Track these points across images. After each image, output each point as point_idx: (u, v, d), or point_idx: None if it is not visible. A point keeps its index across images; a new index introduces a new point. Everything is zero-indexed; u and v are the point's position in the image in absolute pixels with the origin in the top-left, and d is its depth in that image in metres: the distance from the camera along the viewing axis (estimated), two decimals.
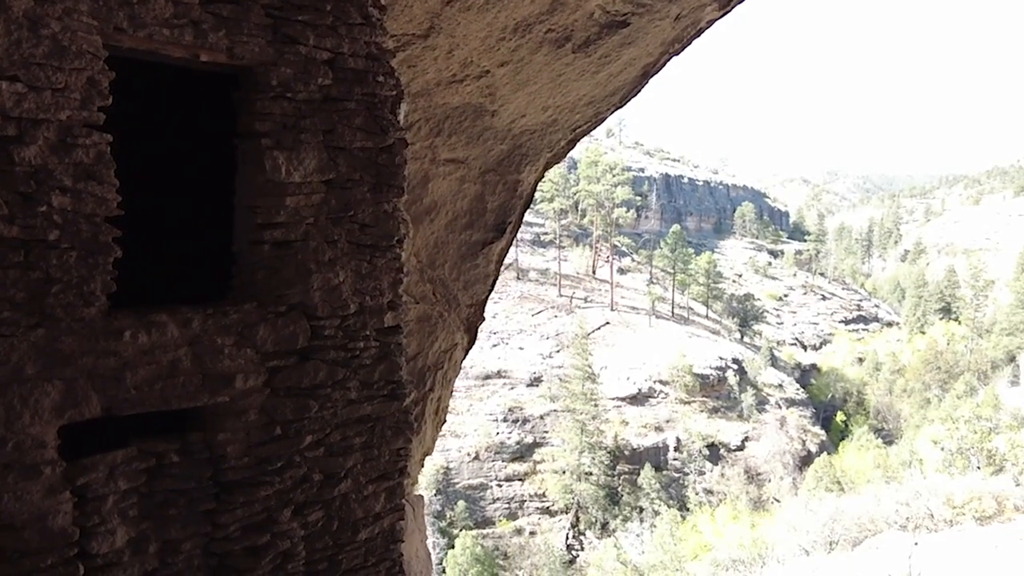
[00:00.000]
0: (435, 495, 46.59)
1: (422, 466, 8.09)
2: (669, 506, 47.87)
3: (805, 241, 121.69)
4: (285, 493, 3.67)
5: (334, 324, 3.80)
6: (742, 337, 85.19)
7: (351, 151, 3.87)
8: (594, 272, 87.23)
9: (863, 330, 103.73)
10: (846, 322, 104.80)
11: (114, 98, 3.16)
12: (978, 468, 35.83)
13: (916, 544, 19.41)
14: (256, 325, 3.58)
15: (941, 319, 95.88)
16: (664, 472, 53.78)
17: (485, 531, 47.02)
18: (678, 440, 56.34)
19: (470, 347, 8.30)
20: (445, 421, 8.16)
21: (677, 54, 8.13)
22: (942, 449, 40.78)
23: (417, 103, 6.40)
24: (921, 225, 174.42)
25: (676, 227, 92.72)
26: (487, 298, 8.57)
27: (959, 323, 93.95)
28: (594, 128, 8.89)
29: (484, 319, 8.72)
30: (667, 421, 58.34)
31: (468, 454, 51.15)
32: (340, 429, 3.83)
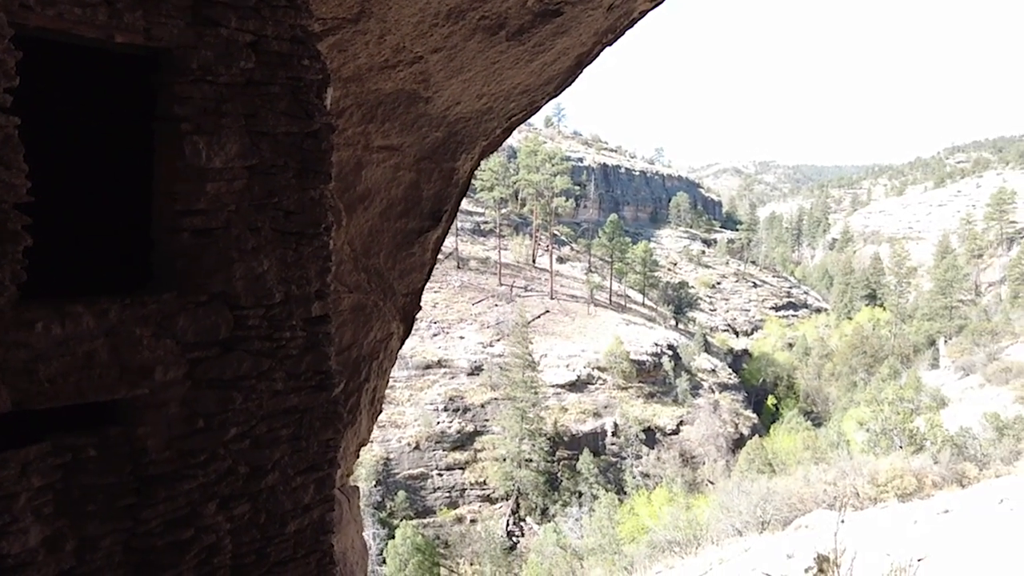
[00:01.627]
0: (375, 486, 46.29)
1: (358, 457, 8.01)
2: (607, 490, 48.65)
3: (737, 230, 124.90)
4: (210, 486, 3.58)
5: (258, 314, 3.70)
6: (677, 324, 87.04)
7: (275, 136, 3.77)
8: (534, 261, 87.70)
9: (793, 316, 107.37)
10: (776, 309, 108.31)
11: (24, 80, 3.01)
12: (900, 447, 37.41)
13: (842, 522, 20.14)
14: (176, 315, 3.47)
15: (867, 305, 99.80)
16: (602, 457, 54.67)
17: (426, 520, 46.99)
18: (615, 425, 57.32)
19: (406, 336, 8.23)
20: (381, 411, 8.09)
21: (611, 44, 8.19)
22: (867, 430, 42.41)
23: (349, 88, 6.28)
24: (848, 214, 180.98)
25: (614, 216, 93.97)
26: (424, 287, 8.51)
27: (884, 309, 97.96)
28: (529, 116, 8.89)
29: (421, 308, 8.67)
30: (605, 407, 59.26)
31: (409, 444, 50.94)
32: (266, 421, 3.75)
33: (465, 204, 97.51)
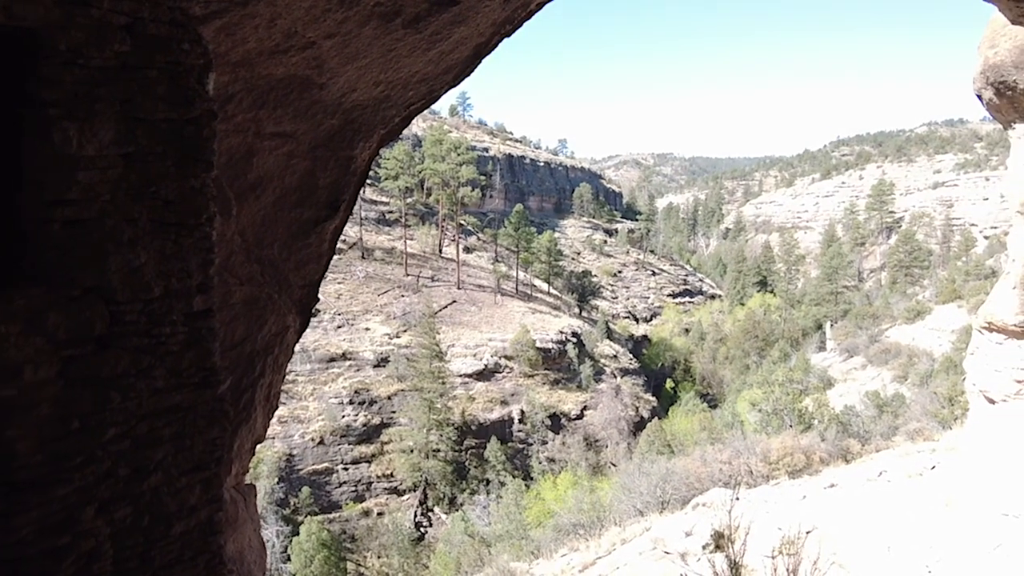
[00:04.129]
0: (278, 483, 45.12)
1: (254, 454, 7.78)
2: (514, 477, 49.24)
3: (637, 220, 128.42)
4: (87, 490, 3.41)
5: (136, 308, 3.53)
6: (581, 312, 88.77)
7: (153, 123, 3.59)
8: (440, 251, 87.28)
9: (689, 303, 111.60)
10: (674, 296, 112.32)
11: None
12: (790, 426, 39.33)
13: (737, 499, 21.06)
14: (46, 311, 3.27)
15: (758, 292, 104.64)
16: (509, 444, 55.24)
17: (331, 515, 46.20)
18: (522, 412, 58.00)
19: (303, 330, 8.04)
20: (278, 407, 7.88)
21: (509, 35, 8.23)
22: (760, 411, 44.32)
23: (238, 73, 6.05)
24: (741, 205, 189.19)
25: (519, 207, 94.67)
26: (321, 279, 8.33)
27: (774, 295, 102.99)
28: (429, 105, 8.83)
29: (319, 300, 8.49)
30: (512, 395, 59.83)
31: (312, 439, 49.82)
32: (147, 420, 3.59)
33: (370, 193, 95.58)
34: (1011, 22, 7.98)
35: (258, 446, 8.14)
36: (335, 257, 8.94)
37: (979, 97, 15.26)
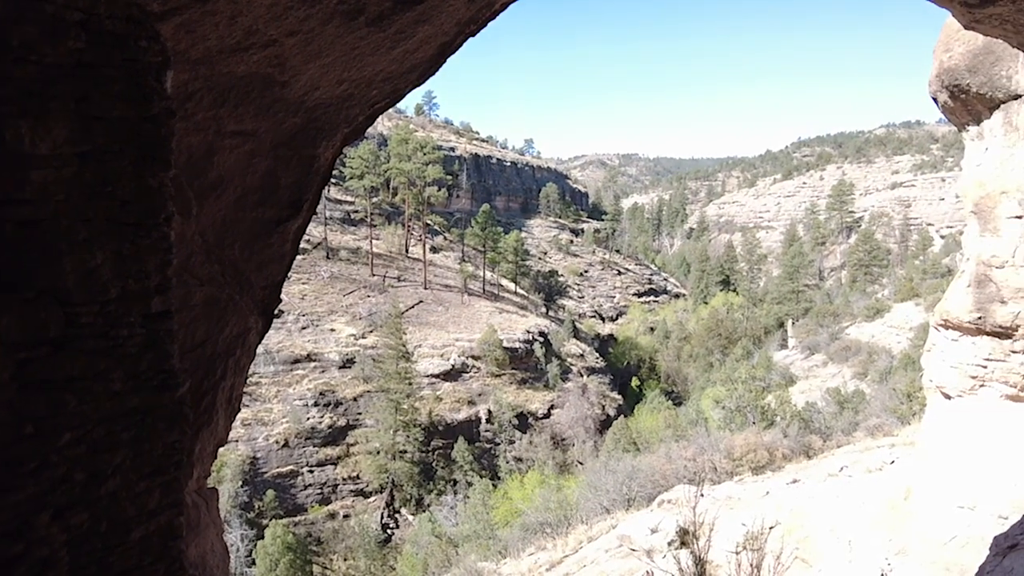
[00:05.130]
0: (242, 486, 44.53)
1: (215, 458, 7.66)
2: (482, 476, 49.26)
3: (603, 220, 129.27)
4: (41, 496, 3.32)
5: (92, 310, 3.45)
6: (548, 311, 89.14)
7: (109, 121, 3.51)
8: (407, 251, 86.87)
9: (654, 302, 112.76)
10: (639, 295, 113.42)
11: None
12: (753, 423, 39.91)
13: (701, 495, 21.33)
14: None
15: (721, 290, 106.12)
16: (477, 444, 55.22)
17: (297, 518, 45.75)
18: (489, 412, 58.03)
19: (265, 331, 7.93)
20: (240, 410, 7.77)
21: (474, 34, 8.22)
22: (723, 408, 44.88)
23: (198, 71, 5.96)
24: (704, 205, 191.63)
25: (486, 206, 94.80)
26: (284, 279, 8.23)
27: (737, 294, 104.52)
28: (393, 104, 8.78)
29: (281, 301, 8.39)
30: (479, 395, 59.83)
31: (277, 442, 49.24)
32: (104, 424, 3.51)
33: (335, 193, 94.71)
34: (964, 27, 8.20)
35: (221, 449, 8.02)
36: (299, 257, 8.87)
37: (935, 100, 15.67)
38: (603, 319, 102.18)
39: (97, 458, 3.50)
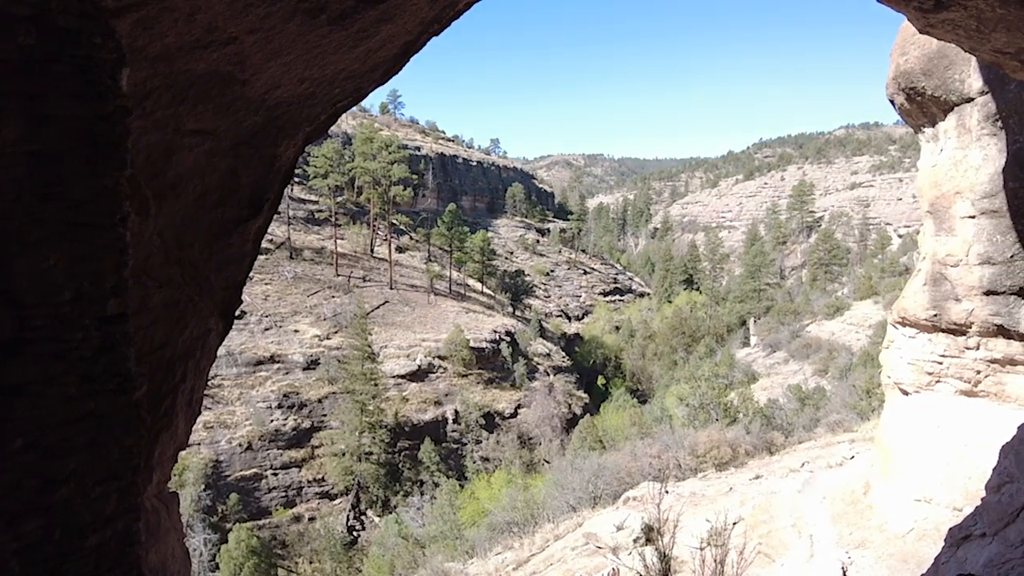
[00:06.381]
0: (204, 490, 43.80)
1: (175, 462, 7.53)
2: (448, 477, 49.14)
3: (569, 220, 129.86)
4: None
5: (45, 313, 3.35)
6: (514, 311, 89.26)
7: (62, 120, 3.42)
8: (372, 251, 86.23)
9: (619, 301, 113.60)
10: (604, 294, 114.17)
11: None
12: (717, 420, 40.41)
13: (666, 492, 21.56)
14: None
15: (685, 289, 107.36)
16: (444, 445, 55.08)
17: (261, 522, 45.17)
18: (456, 412, 57.91)
19: (226, 333, 7.81)
20: (201, 413, 7.64)
21: (437, 34, 8.20)
22: (687, 405, 45.33)
23: (157, 68, 5.84)
24: (668, 205, 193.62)
25: (452, 206, 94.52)
26: (244, 280, 8.12)
27: (700, 292, 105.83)
28: (356, 103, 8.72)
29: (242, 302, 8.28)
30: (446, 395, 59.67)
31: (240, 445, 48.54)
32: (58, 429, 3.41)
33: (298, 192, 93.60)
34: (919, 31, 8.41)
35: (182, 453, 7.89)
36: (262, 257, 8.75)
37: (892, 102, 16.06)
38: (569, 318, 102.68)
39: (50, 464, 3.41)
